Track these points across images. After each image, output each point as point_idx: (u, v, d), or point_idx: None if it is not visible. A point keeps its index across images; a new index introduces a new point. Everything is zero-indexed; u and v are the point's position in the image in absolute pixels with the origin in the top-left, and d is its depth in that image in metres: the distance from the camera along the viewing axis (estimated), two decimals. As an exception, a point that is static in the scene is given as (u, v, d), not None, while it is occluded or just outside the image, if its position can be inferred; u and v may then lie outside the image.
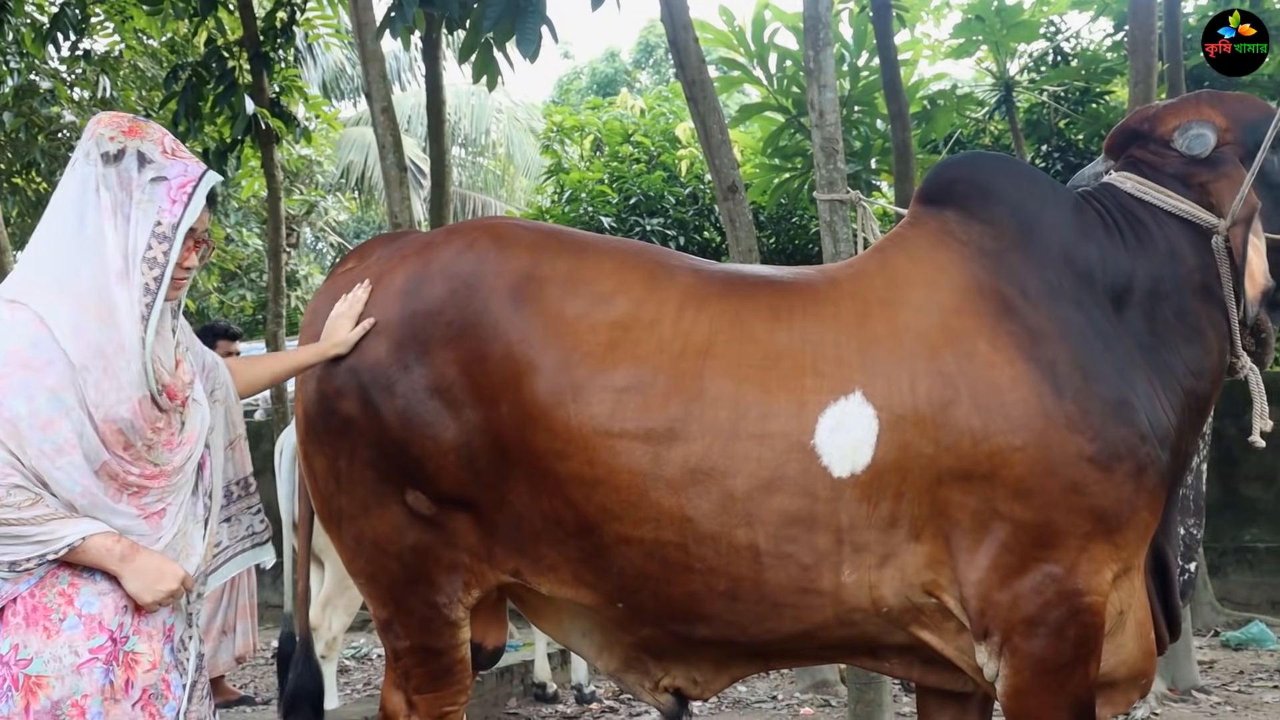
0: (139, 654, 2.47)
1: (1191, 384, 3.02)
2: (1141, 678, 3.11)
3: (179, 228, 2.47)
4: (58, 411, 2.33)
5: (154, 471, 2.50)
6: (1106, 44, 12.26)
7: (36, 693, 2.33)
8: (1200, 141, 3.13)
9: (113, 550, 2.39)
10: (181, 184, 2.50)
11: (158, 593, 2.44)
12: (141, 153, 2.49)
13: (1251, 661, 7.47)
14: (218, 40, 9.71)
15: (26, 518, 2.31)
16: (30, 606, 2.37)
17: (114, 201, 2.45)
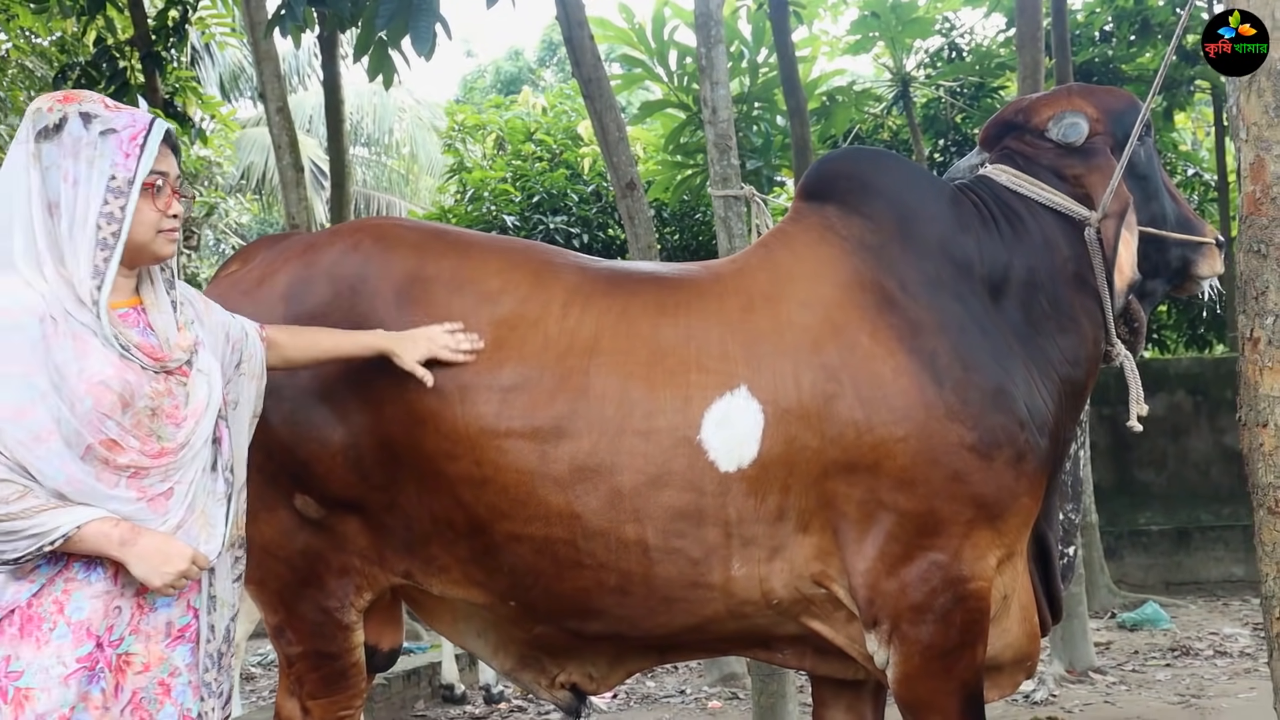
0: (132, 655, 2.37)
1: (1068, 372, 3.08)
2: (1026, 660, 3.17)
3: (135, 181, 2.37)
4: (29, 398, 2.24)
5: (157, 449, 2.37)
6: (999, 40, 12.48)
7: (24, 705, 2.24)
8: (1075, 130, 3.20)
9: (111, 535, 2.28)
10: (132, 135, 2.39)
11: (166, 575, 2.31)
12: (84, 112, 2.39)
13: (1146, 641, 7.67)
14: (107, 39, 9.52)
15: (15, 511, 2.21)
16: (26, 617, 2.28)
17: (48, 178, 2.34)
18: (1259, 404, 2.86)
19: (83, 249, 2.34)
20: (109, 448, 2.32)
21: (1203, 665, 6.91)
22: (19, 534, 2.22)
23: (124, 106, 2.47)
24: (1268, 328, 2.83)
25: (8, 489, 2.22)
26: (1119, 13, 11.28)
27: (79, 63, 9.68)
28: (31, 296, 2.29)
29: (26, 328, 2.27)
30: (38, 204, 2.34)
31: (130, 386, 2.34)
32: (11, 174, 2.37)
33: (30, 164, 2.36)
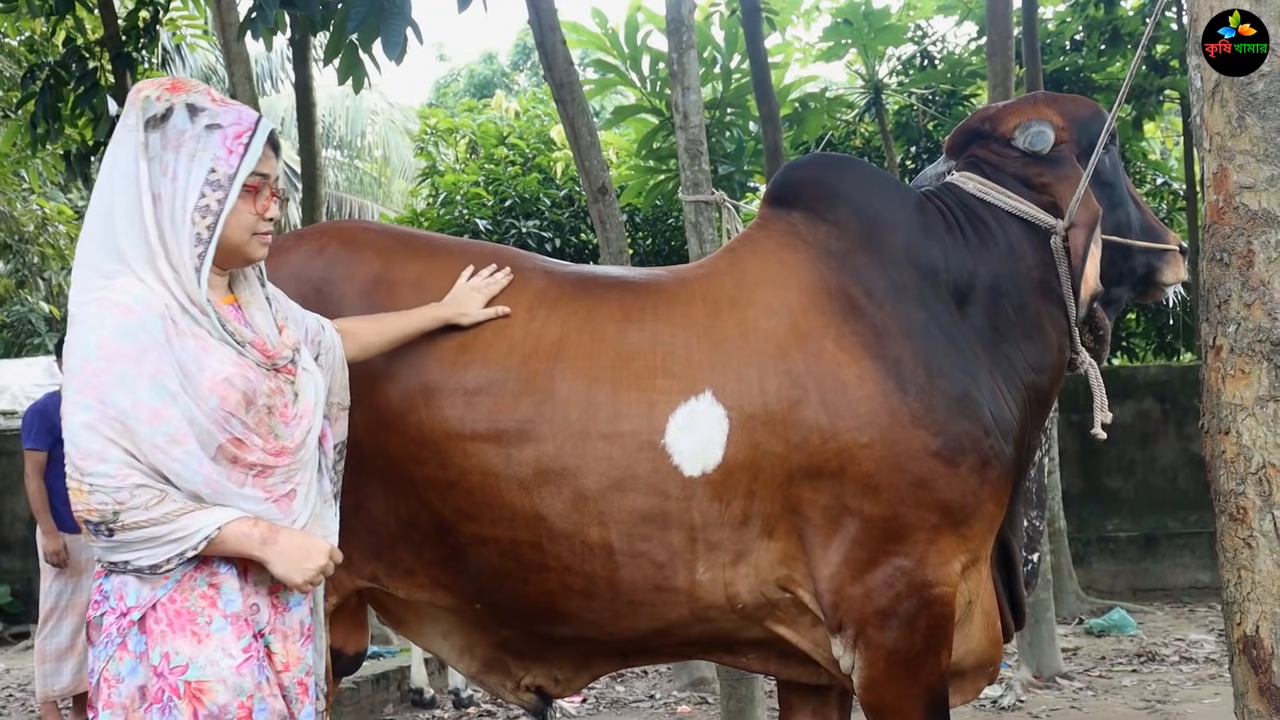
0: (274, 654, 2.36)
1: (1033, 379, 3.10)
2: (989, 665, 3.19)
3: (236, 177, 2.33)
4: (163, 399, 2.20)
5: (278, 447, 2.36)
6: (971, 48, 12.54)
7: (201, 699, 2.21)
8: (1041, 138, 3.22)
9: (251, 535, 2.26)
10: (238, 133, 2.35)
11: (307, 571, 2.30)
12: (190, 104, 2.35)
13: (1113, 647, 7.71)
14: (77, 40, 9.46)
15: (156, 516, 2.18)
16: (173, 612, 2.24)
17: (153, 169, 2.31)
18: (1221, 411, 2.88)
19: (184, 244, 2.30)
20: (236, 446, 2.30)
21: (1168, 671, 6.96)
22: (160, 540, 2.20)
23: (231, 101, 2.42)
24: (1230, 336, 2.85)
25: (146, 494, 2.18)
26: (1089, 22, 11.36)
27: (48, 62, 9.60)
28: (149, 294, 2.26)
29: (150, 327, 2.23)
30: (146, 196, 2.31)
31: (251, 384, 2.33)
32: (120, 163, 2.34)
33: (140, 154, 2.32)
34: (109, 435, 2.18)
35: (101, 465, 2.17)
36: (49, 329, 17.14)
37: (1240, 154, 2.83)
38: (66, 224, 13.37)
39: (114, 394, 2.18)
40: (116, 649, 2.25)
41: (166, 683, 2.22)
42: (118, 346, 2.20)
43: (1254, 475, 2.80)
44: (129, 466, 2.18)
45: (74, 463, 2.19)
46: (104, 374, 2.19)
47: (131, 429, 2.18)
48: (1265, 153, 2.79)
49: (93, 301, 2.26)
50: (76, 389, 2.21)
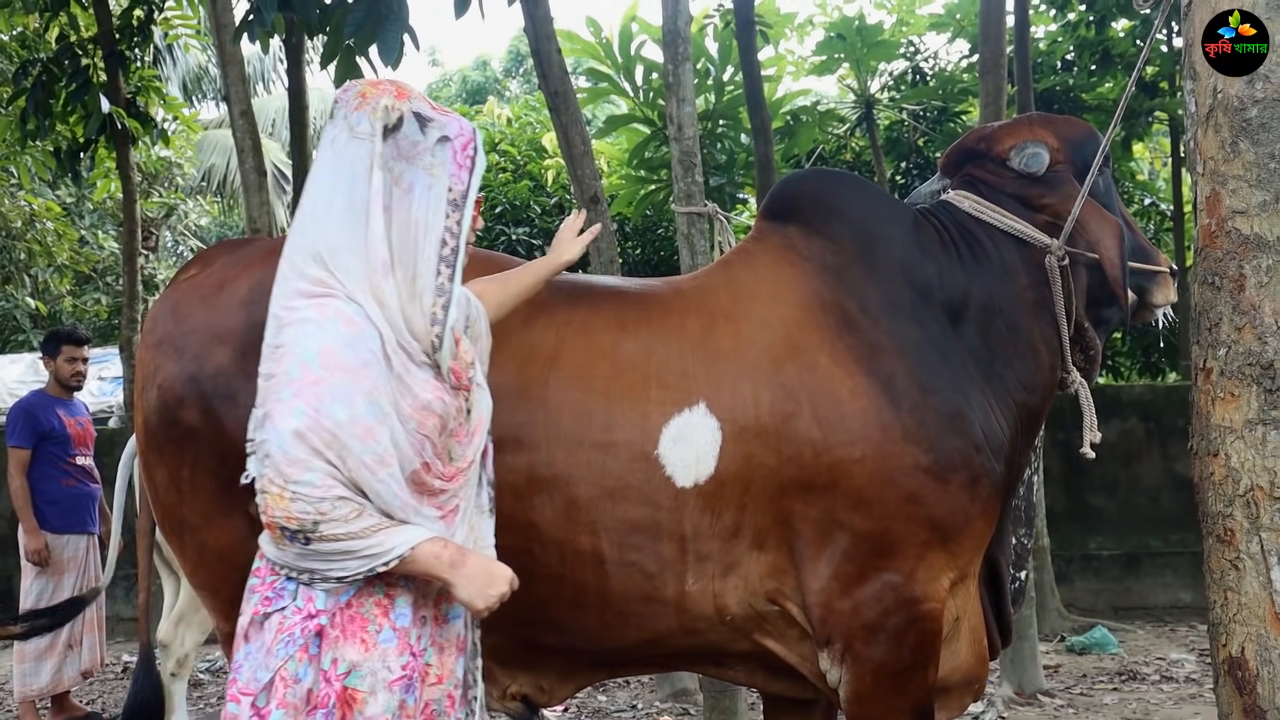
0: (429, 666, 2.33)
1: (1024, 397, 3.12)
2: (975, 682, 3.19)
3: (468, 194, 2.31)
4: (376, 418, 2.19)
5: (452, 470, 2.35)
6: (962, 65, 12.61)
7: (352, 706, 2.20)
8: (1036, 160, 3.25)
9: (441, 557, 2.24)
10: (464, 144, 2.32)
11: (489, 597, 2.27)
12: (417, 114, 2.32)
13: (1094, 665, 7.72)
14: (70, 37, 9.45)
15: (355, 530, 2.16)
16: (347, 618, 2.24)
17: (388, 180, 2.28)
18: (1210, 434, 2.89)
19: (425, 264, 2.27)
20: (425, 470, 2.30)
21: (1149, 690, 6.97)
22: (354, 554, 2.18)
23: (445, 109, 2.38)
24: (1220, 359, 2.86)
25: (346, 508, 2.16)
26: (1080, 42, 11.43)
27: (41, 59, 9.60)
28: (370, 308, 2.23)
29: (370, 342, 2.22)
30: (376, 206, 2.27)
31: (447, 408, 2.31)
32: (350, 168, 2.29)
33: (376, 164, 2.28)
34: (318, 446, 2.15)
35: (307, 474, 2.14)
36: (34, 325, 17.08)
37: (1233, 179, 2.85)
38: (54, 220, 13.33)
39: (331, 406, 2.16)
40: (298, 650, 2.23)
41: (332, 688, 2.21)
42: (340, 357, 2.19)
43: (1242, 498, 2.81)
44: (333, 478, 2.16)
45: (279, 468, 2.16)
46: (323, 384, 2.17)
47: (343, 443, 2.16)
48: (1258, 178, 2.81)
49: (314, 307, 2.24)
50: (293, 394, 2.18)
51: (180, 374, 2.94)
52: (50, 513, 6.68)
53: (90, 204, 17.02)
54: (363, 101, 2.33)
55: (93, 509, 6.93)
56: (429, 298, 2.28)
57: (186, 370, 2.93)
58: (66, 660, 6.68)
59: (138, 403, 3.07)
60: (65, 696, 6.88)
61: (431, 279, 2.28)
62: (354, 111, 2.33)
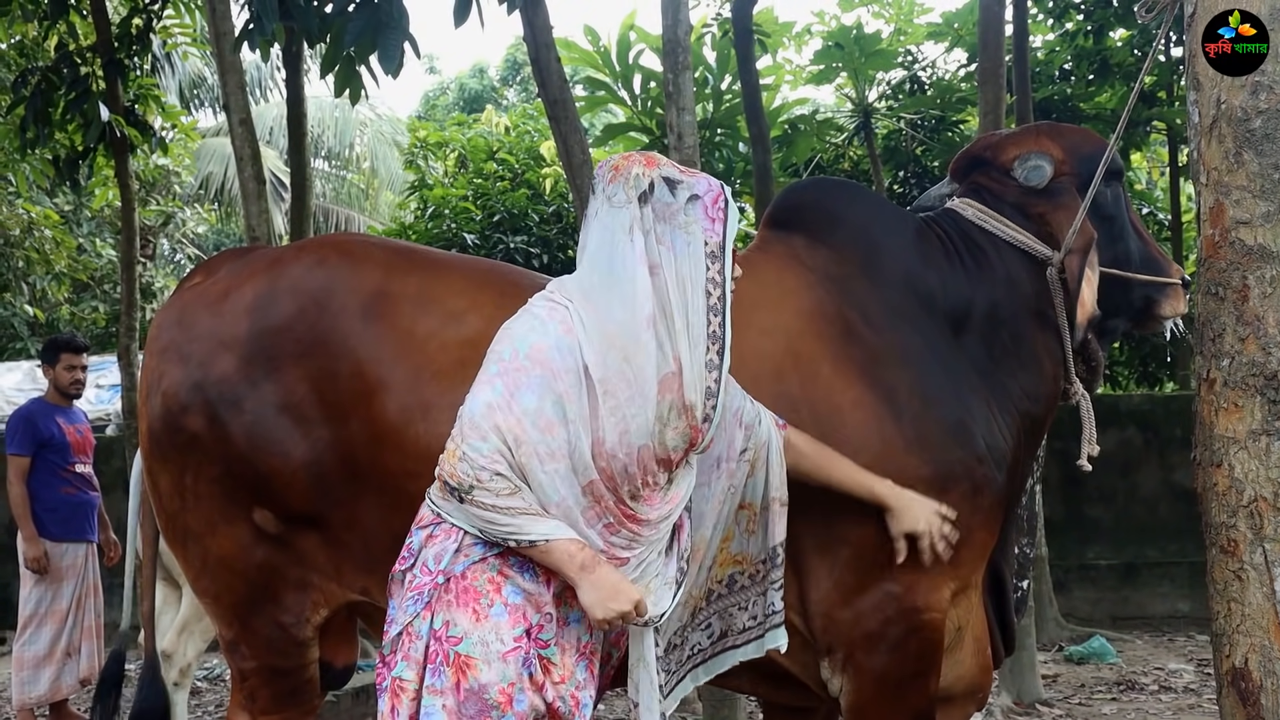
0: (552, 663, 2.42)
1: (1027, 407, 3.12)
2: (978, 691, 3.20)
3: (725, 245, 2.49)
4: (558, 418, 2.34)
5: (631, 513, 2.45)
6: (960, 74, 12.62)
7: (466, 672, 2.32)
8: (1037, 173, 3.25)
9: (575, 557, 2.35)
10: (714, 199, 2.51)
11: (609, 610, 2.36)
12: (666, 178, 2.50)
13: (1092, 675, 7.72)
14: (69, 45, 9.45)
15: (502, 505, 2.31)
16: (461, 587, 2.37)
17: (649, 241, 2.45)
18: (1214, 444, 2.90)
19: (696, 315, 2.45)
20: (599, 493, 2.40)
21: (1148, 700, 6.97)
22: (496, 524, 2.33)
23: (689, 169, 2.59)
24: (1224, 369, 2.87)
25: (501, 484, 2.31)
26: (1079, 52, 11.44)
27: (39, 67, 9.59)
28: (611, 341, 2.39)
29: (575, 352, 2.37)
30: (643, 266, 2.43)
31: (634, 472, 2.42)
32: (610, 238, 2.47)
33: (635, 226, 2.45)
34: (499, 424, 2.32)
35: (481, 442, 2.32)
36: (31, 333, 17.04)
37: (1237, 189, 2.85)
38: (53, 229, 13.32)
39: (524, 393, 2.35)
40: (423, 608, 2.38)
41: (441, 647, 2.35)
42: (546, 356, 2.37)
43: (1245, 508, 2.82)
44: (500, 455, 2.32)
45: (462, 429, 2.36)
46: (524, 372, 2.36)
47: (524, 428, 2.33)
48: (1261, 188, 2.81)
49: (546, 308, 2.46)
50: (496, 372, 2.39)
51: (185, 381, 2.94)
52: (49, 520, 6.67)
53: (88, 212, 16.98)
54: (615, 174, 2.52)
55: (92, 517, 6.92)
56: (700, 348, 2.45)
57: (191, 377, 2.94)
58: (65, 668, 6.67)
59: (142, 410, 3.07)
60: (63, 704, 6.86)
61: (703, 330, 2.45)
62: (609, 184, 2.52)
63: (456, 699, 2.32)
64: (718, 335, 2.46)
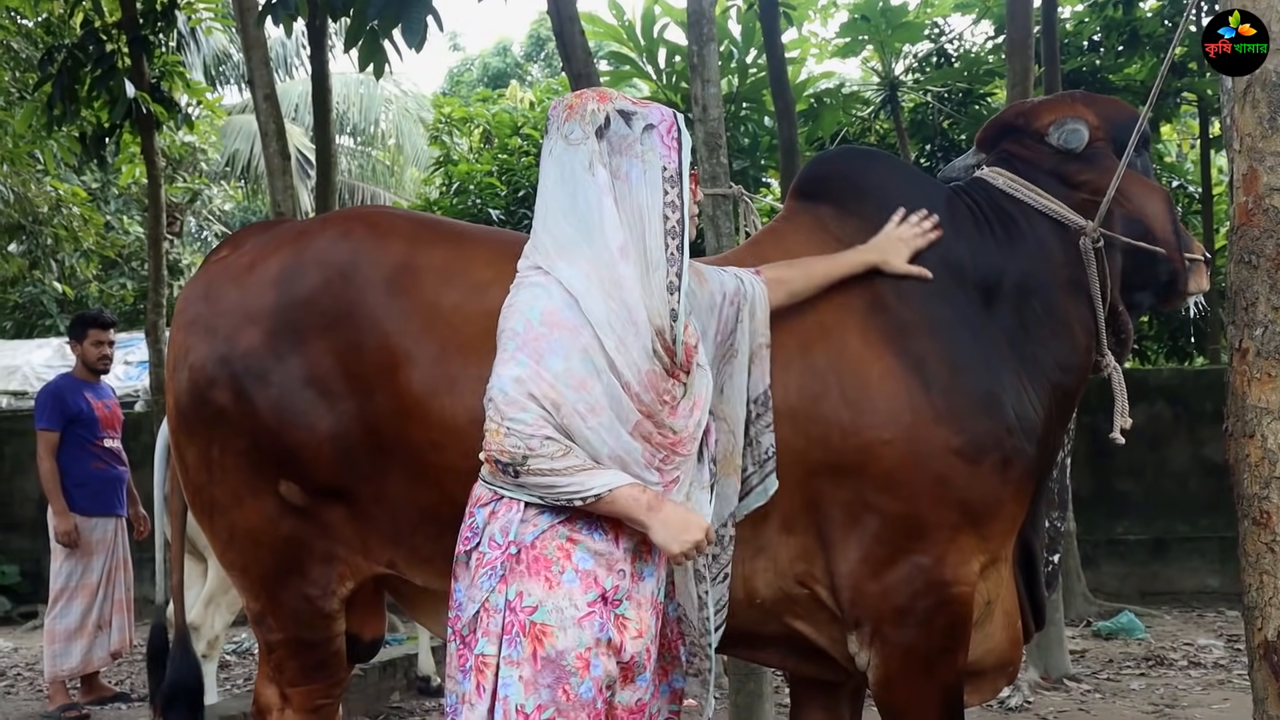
0: (628, 619, 2.45)
1: (1058, 378, 3.08)
2: (1008, 666, 3.17)
3: (682, 170, 2.51)
4: (589, 371, 2.37)
5: (674, 439, 2.49)
6: (988, 47, 12.52)
7: (542, 640, 2.35)
8: (1076, 136, 3.20)
9: (639, 500, 2.38)
10: (668, 127, 2.54)
11: (684, 543, 2.39)
12: (621, 111, 2.53)
13: (1121, 650, 7.69)
14: (95, 22, 9.47)
15: (559, 468, 2.33)
16: (532, 557, 2.38)
17: (609, 174, 2.49)
18: (1246, 415, 2.86)
19: (653, 240, 2.47)
20: (646, 431, 2.44)
21: (1177, 675, 6.93)
22: (557, 489, 2.35)
23: (645, 101, 2.62)
24: (1256, 339, 2.83)
25: (553, 446, 2.33)
26: (1108, 23, 11.32)
27: (65, 45, 9.62)
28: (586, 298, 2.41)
29: (593, 308, 2.40)
30: (608, 199, 2.47)
31: (652, 397, 2.45)
32: (569, 175, 2.51)
33: (595, 160, 2.49)
34: (534, 392, 2.34)
35: (522, 414, 2.33)
36: (60, 310, 17.16)
37: (1271, 155, 2.81)
38: (80, 205, 13.37)
39: (550, 358, 2.36)
40: (498, 582, 2.40)
41: (516, 618, 2.37)
42: (560, 316, 2.39)
43: (1278, 479, 2.78)
44: (544, 420, 2.34)
45: (497, 406, 2.36)
46: (544, 339, 2.38)
47: (559, 391, 2.35)
48: (1296, 155, 2.77)
49: (541, 276, 2.46)
50: (516, 346, 2.39)
51: (211, 354, 2.95)
52: (79, 495, 6.73)
53: (115, 189, 17.08)
54: (570, 112, 2.55)
55: (121, 491, 6.97)
56: (660, 271, 2.46)
57: (218, 351, 2.94)
58: (96, 641, 6.74)
59: (169, 384, 3.08)
60: (95, 677, 6.93)
61: (661, 254, 2.47)
62: (565, 122, 2.55)
63: (533, 668, 2.35)
64: (674, 258, 2.47)
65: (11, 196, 12.60)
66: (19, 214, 12.89)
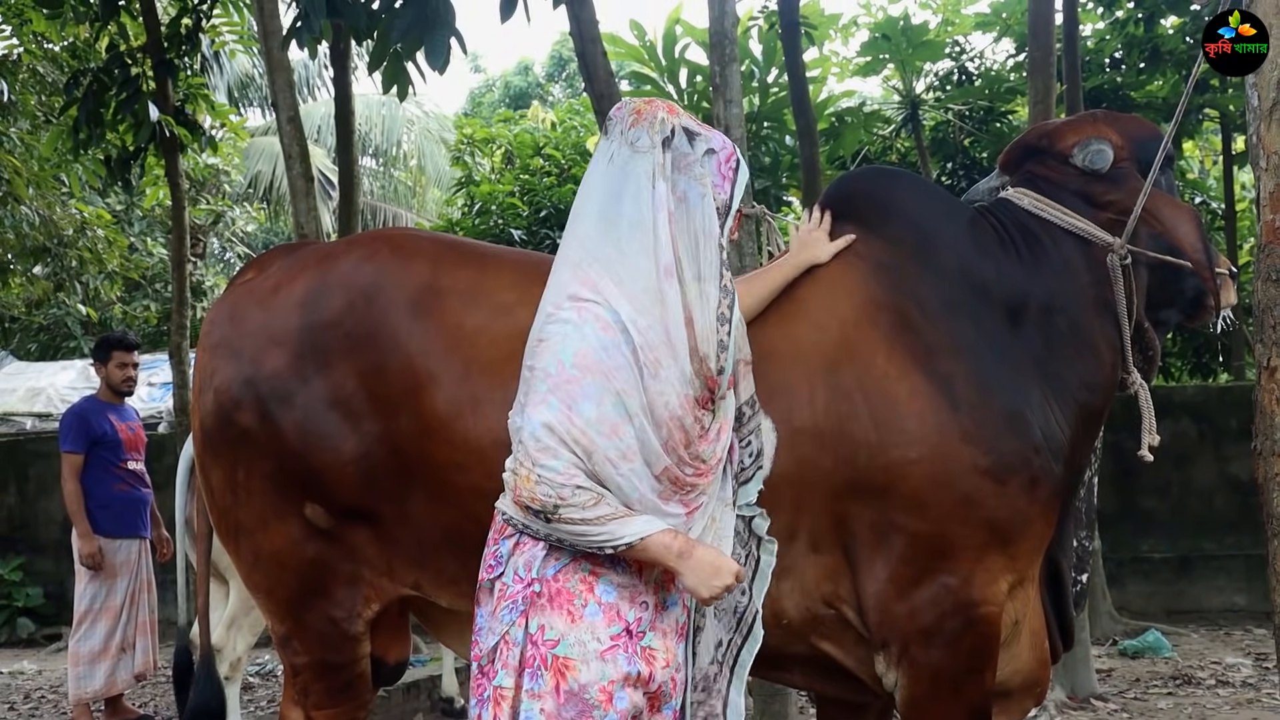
0: (655, 650, 2.43)
1: (1085, 397, 3.07)
2: (1036, 686, 3.16)
3: (731, 208, 2.46)
4: (622, 417, 2.33)
5: (703, 468, 2.46)
6: (1009, 65, 12.51)
7: (565, 674, 2.33)
8: (1100, 157, 3.19)
9: (671, 547, 2.34)
10: (728, 156, 2.49)
11: (714, 588, 2.37)
12: (686, 129, 2.48)
13: (1148, 669, 7.63)
14: (120, 46, 9.54)
15: (590, 518, 2.30)
16: (554, 590, 2.36)
17: (669, 189, 2.43)
18: (1275, 433, 2.84)
19: (709, 269, 2.43)
20: (674, 475, 2.40)
21: (1205, 695, 6.88)
22: (588, 537, 2.32)
23: (707, 125, 2.54)
24: (1285, 357, 2.82)
25: (585, 496, 2.29)
26: (1129, 40, 11.30)
27: (91, 68, 9.70)
28: (631, 315, 2.36)
29: (624, 347, 2.35)
30: (664, 215, 2.41)
31: (691, 421, 2.42)
32: (632, 181, 2.43)
33: (659, 173, 2.43)
34: (565, 438, 2.30)
35: (554, 461, 2.29)
36: (85, 332, 17.25)
37: (1298, 173, 2.80)
38: (105, 228, 13.46)
39: (582, 404, 2.31)
40: (519, 616, 2.37)
41: (538, 651, 2.34)
42: (593, 359, 2.33)
43: (1309, 499, 2.77)
44: (576, 468, 2.30)
45: (529, 452, 2.31)
46: (576, 383, 2.32)
47: (590, 439, 2.30)
48: (1324, 173, 2.76)
49: (576, 309, 2.38)
50: (548, 389, 2.33)
51: (237, 376, 2.96)
52: (103, 517, 6.75)
53: (139, 211, 17.16)
54: (638, 118, 2.48)
55: (144, 513, 6.99)
56: (712, 302, 2.43)
57: (243, 373, 2.95)
58: (120, 663, 6.75)
59: (195, 406, 3.09)
60: (119, 699, 6.94)
61: (715, 283, 2.44)
62: (631, 128, 2.48)
63: (556, 701, 2.32)
64: (727, 290, 2.45)
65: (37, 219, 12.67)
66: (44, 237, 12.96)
